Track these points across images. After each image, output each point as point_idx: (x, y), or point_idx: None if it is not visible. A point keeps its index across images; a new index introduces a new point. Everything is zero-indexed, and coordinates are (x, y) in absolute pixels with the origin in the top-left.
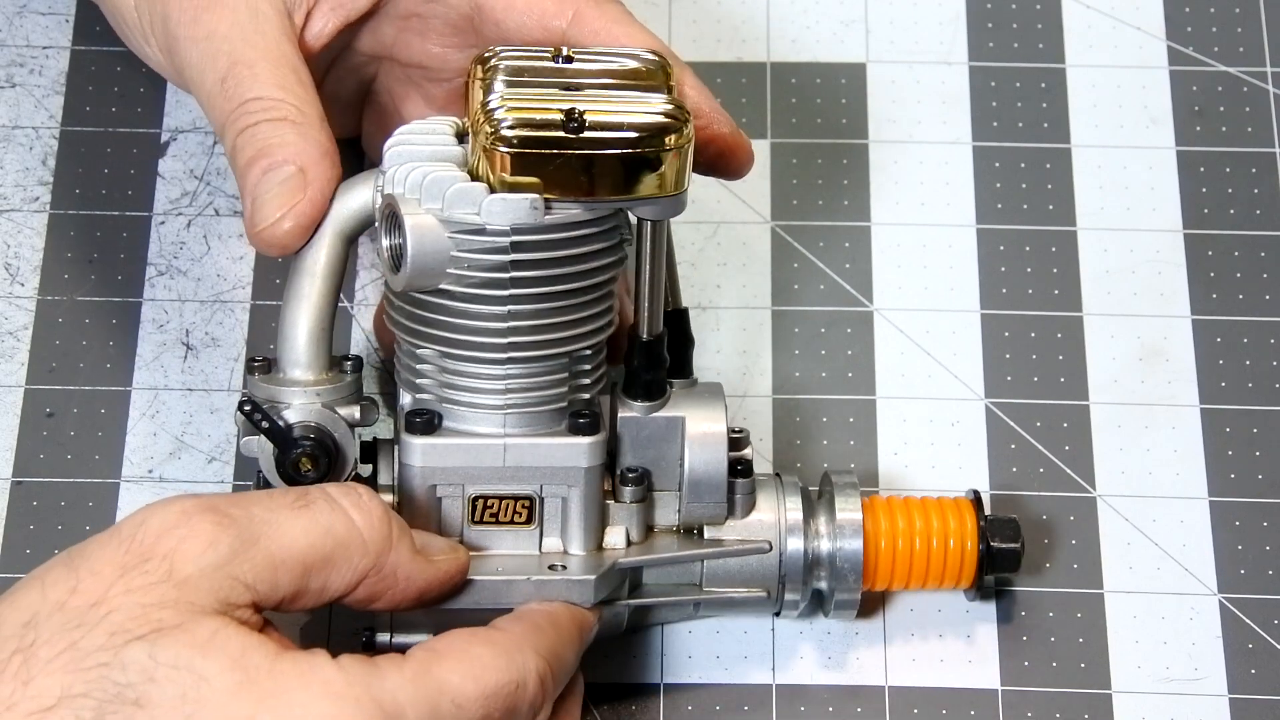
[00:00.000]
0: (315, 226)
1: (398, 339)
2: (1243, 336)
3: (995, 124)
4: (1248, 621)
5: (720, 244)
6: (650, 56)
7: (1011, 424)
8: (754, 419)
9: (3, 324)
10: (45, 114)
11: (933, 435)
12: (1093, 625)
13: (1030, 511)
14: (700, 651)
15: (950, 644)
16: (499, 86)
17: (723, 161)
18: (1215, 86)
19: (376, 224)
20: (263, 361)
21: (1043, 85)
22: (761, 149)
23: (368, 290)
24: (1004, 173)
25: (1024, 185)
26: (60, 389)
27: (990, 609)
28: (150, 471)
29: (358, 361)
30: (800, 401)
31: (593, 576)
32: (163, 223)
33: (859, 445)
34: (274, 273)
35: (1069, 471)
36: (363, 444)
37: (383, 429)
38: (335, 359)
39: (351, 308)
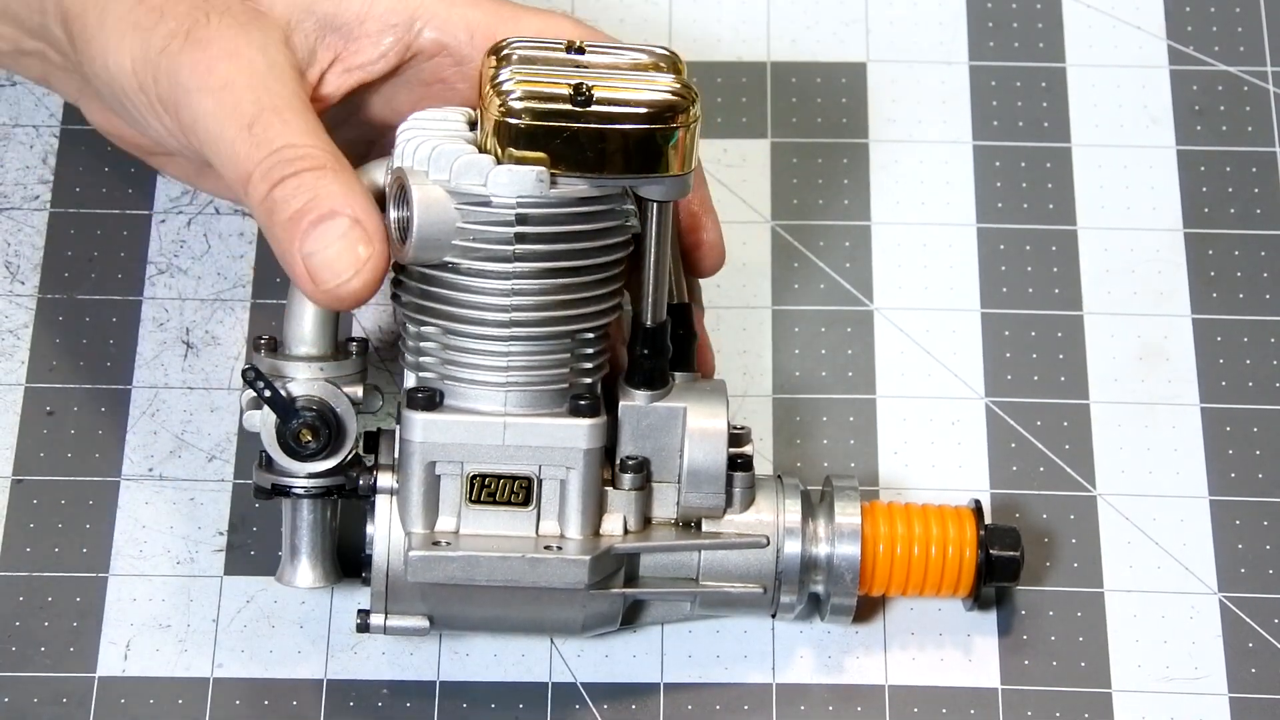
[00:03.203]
0: (383, 279)
1: (403, 318)
2: (1243, 336)
3: (995, 124)
4: (1248, 620)
5: None
6: (662, 51)
7: (1012, 423)
8: (754, 419)
9: (3, 322)
10: (46, 112)
11: (933, 435)
12: (1093, 624)
13: (1030, 511)
14: (700, 651)
15: (950, 643)
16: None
17: (694, 255)
18: (1215, 86)
19: (386, 198)
20: (269, 339)
21: (1043, 85)
22: (761, 149)
23: None
24: (1004, 172)
25: (1024, 185)
26: (60, 387)
27: (990, 608)
28: (150, 470)
29: (363, 344)
30: (800, 401)
31: (588, 556)
32: (163, 221)
33: (859, 445)
34: (275, 272)
35: (1069, 470)
36: (366, 433)
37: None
38: (341, 341)
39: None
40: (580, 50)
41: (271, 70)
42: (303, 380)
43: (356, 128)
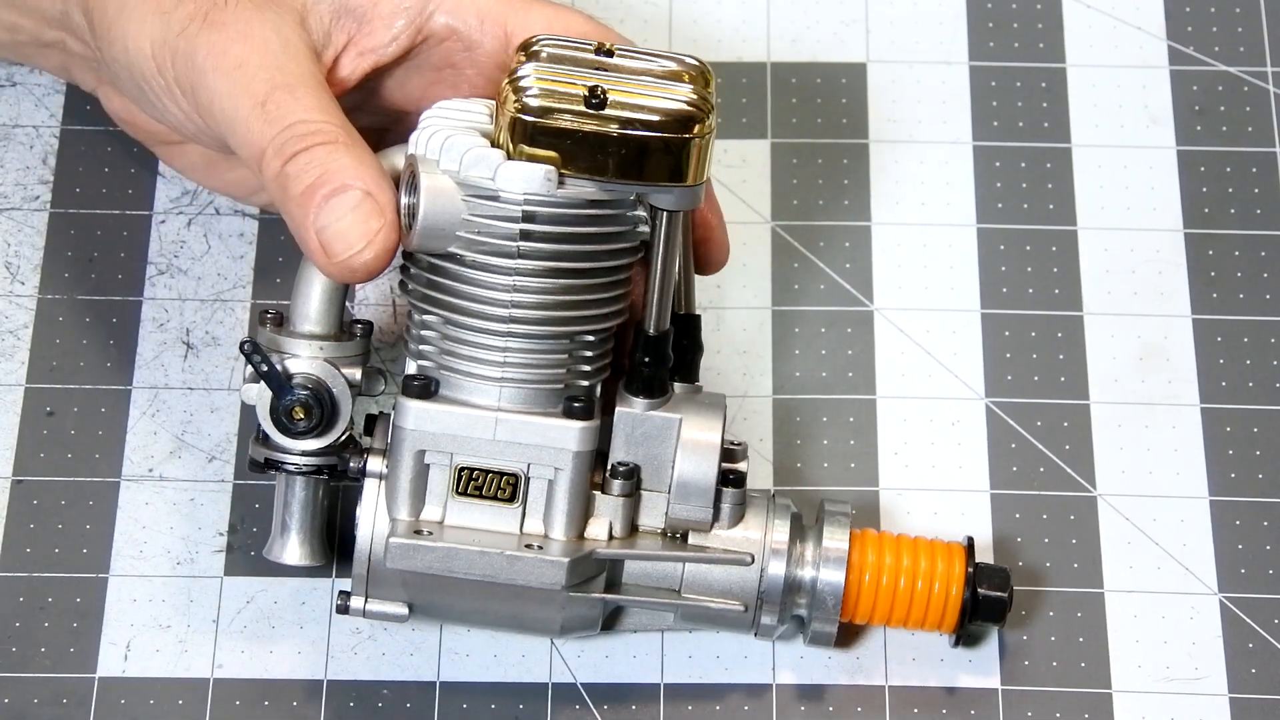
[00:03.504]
0: (395, 252)
1: (408, 306)
2: (1243, 336)
3: (995, 124)
4: (1248, 621)
5: None
6: (693, 62)
7: (1012, 423)
8: (754, 419)
9: (3, 323)
10: (46, 113)
11: (933, 435)
12: (1093, 625)
13: (1030, 511)
14: (700, 652)
15: (950, 644)
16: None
17: (702, 250)
18: (1215, 86)
19: (400, 183)
20: (275, 314)
21: (1043, 85)
22: (761, 149)
23: (368, 290)
24: (1004, 173)
25: (1024, 185)
26: (60, 388)
27: (976, 645)
28: (150, 470)
29: (368, 327)
30: (800, 401)
31: (567, 559)
32: (163, 221)
33: (859, 445)
34: (274, 272)
35: (1069, 471)
36: (367, 416)
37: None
38: (345, 323)
39: (351, 307)
40: (609, 53)
41: (285, 50)
42: (303, 358)
43: (370, 114)
